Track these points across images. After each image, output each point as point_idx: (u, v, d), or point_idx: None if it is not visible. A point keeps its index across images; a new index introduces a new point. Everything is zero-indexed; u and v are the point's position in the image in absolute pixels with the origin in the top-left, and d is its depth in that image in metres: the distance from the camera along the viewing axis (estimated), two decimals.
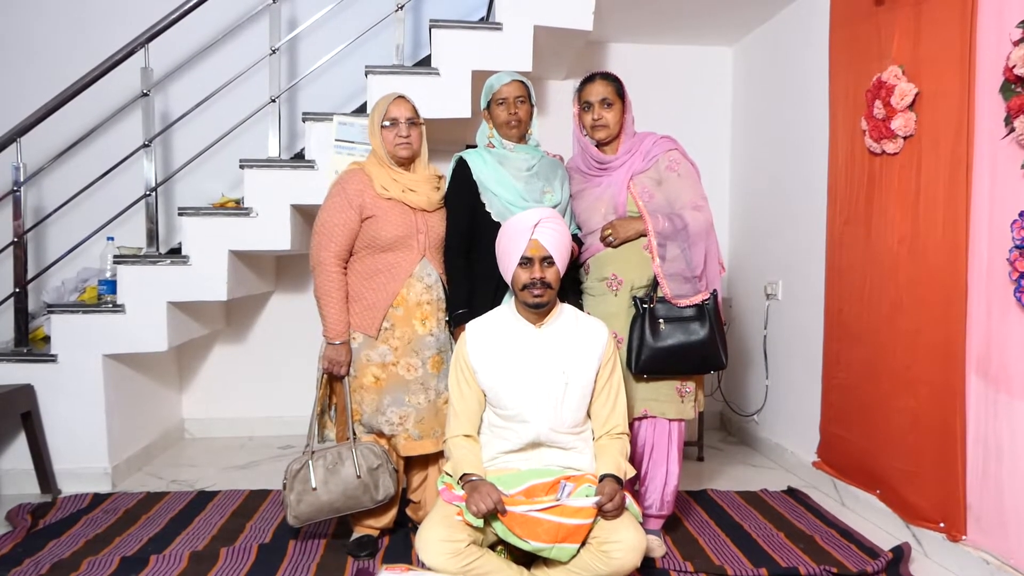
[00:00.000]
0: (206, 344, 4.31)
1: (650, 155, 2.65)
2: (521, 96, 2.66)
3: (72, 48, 4.05)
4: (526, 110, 2.67)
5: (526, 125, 2.69)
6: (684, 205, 2.60)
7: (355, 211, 2.56)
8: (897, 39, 2.83)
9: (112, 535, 2.79)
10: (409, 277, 2.58)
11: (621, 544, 2.00)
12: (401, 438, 2.57)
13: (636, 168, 2.65)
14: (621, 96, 2.67)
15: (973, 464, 2.49)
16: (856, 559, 2.58)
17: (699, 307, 2.59)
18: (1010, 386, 2.33)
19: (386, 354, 2.57)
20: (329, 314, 2.56)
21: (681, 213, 2.60)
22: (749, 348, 4.22)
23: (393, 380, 2.57)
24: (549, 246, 2.20)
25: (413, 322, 2.58)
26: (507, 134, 2.68)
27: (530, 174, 2.66)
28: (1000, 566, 2.35)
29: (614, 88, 2.66)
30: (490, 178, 2.62)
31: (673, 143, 2.69)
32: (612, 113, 2.64)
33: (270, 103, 3.64)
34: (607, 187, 2.68)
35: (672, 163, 2.65)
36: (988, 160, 2.41)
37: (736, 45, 4.52)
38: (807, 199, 3.57)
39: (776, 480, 3.56)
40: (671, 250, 2.58)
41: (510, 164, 2.66)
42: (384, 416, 2.57)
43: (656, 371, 2.59)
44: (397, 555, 2.59)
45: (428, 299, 2.60)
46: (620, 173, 2.66)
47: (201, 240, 3.44)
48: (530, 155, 2.70)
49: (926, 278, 2.67)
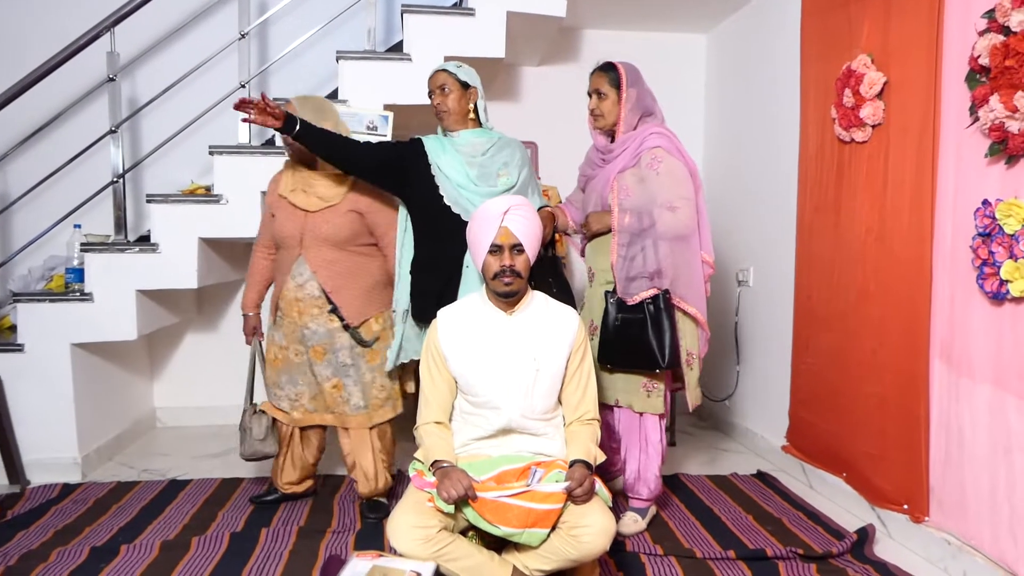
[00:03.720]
0: (177, 332, 4.26)
1: (637, 152, 2.64)
2: (443, 85, 2.68)
3: (35, 32, 3.97)
4: (454, 98, 2.68)
5: (457, 114, 2.70)
6: (660, 204, 2.59)
7: (268, 209, 2.89)
8: (867, 28, 2.86)
9: (82, 525, 2.77)
10: (287, 274, 2.80)
11: (590, 528, 2.02)
12: (297, 412, 2.92)
13: (625, 163, 2.65)
14: (617, 86, 2.66)
15: (936, 448, 2.54)
16: (822, 540, 2.63)
17: (641, 305, 2.60)
18: (972, 371, 2.37)
19: (280, 339, 2.88)
20: (245, 290, 3.01)
21: (652, 211, 2.59)
22: (721, 334, 4.26)
23: (286, 362, 2.89)
24: (519, 233, 2.20)
25: (293, 315, 2.81)
26: (443, 123, 2.72)
27: (485, 158, 2.68)
28: (961, 546, 2.40)
29: (608, 78, 2.67)
30: (444, 162, 2.66)
31: (661, 140, 2.63)
32: (606, 103, 2.67)
33: (240, 88, 3.59)
34: (600, 179, 2.72)
35: (653, 161, 2.61)
36: (954, 149, 2.44)
37: (710, 33, 4.54)
38: (778, 186, 3.60)
39: (746, 464, 3.61)
40: (633, 248, 2.59)
41: (462, 148, 2.68)
42: (283, 391, 2.91)
43: (615, 363, 2.65)
44: (369, 542, 2.60)
45: (300, 296, 2.79)
46: (611, 166, 2.68)
47: (170, 227, 3.40)
48: (482, 139, 2.71)
49: (893, 265, 2.71)
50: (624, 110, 2.66)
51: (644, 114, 2.70)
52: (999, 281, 2.20)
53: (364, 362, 2.83)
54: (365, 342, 2.81)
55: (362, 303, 2.80)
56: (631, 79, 2.67)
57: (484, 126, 2.76)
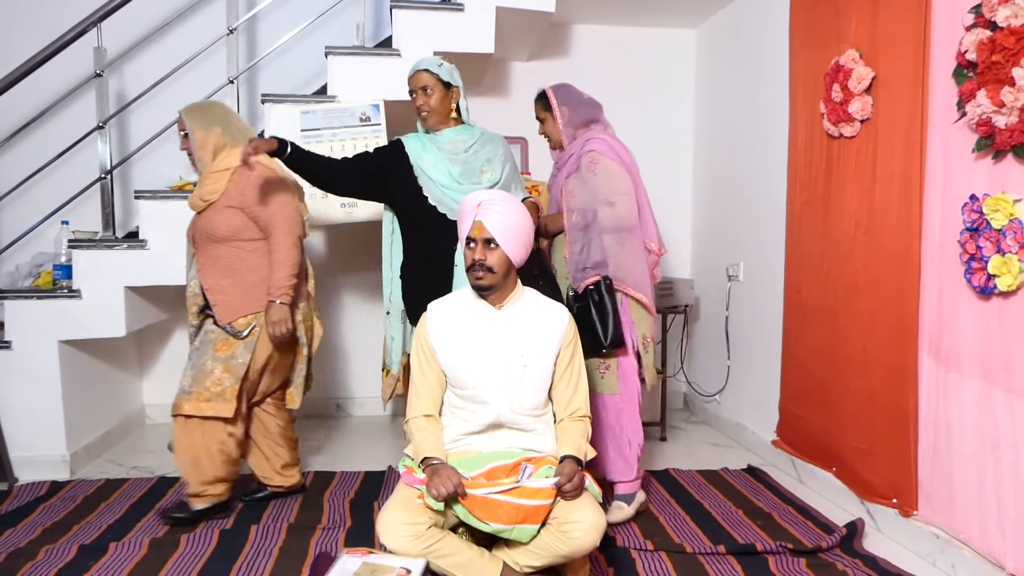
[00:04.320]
0: (167, 329, 4.24)
1: (579, 157, 2.85)
2: (426, 86, 2.67)
3: (22, 27, 3.94)
4: (437, 98, 2.68)
5: (439, 113, 2.70)
6: (600, 201, 2.79)
7: None
8: (855, 23, 2.86)
9: (70, 523, 2.76)
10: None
11: (580, 524, 2.01)
12: None
13: (570, 170, 2.87)
14: (550, 109, 2.89)
15: (924, 442, 2.55)
16: (812, 535, 2.64)
17: (586, 292, 2.78)
18: (960, 366, 2.38)
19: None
20: None
21: (594, 208, 2.79)
22: (711, 329, 4.27)
23: None
24: (491, 228, 2.18)
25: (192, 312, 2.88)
26: (425, 123, 2.73)
27: (468, 155, 2.69)
28: (949, 540, 2.42)
29: (542, 105, 2.93)
30: (426, 162, 2.68)
31: (597, 144, 2.83)
32: (548, 126, 2.93)
33: (228, 84, 3.58)
34: (555, 187, 2.96)
35: (590, 163, 2.81)
36: (941, 144, 2.45)
37: (699, 28, 4.54)
38: (768, 181, 3.61)
39: (737, 459, 3.62)
40: (580, 242, 2.80)
41: (445, 147, 2.69)
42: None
43: None
44: (359, 539, 2.60)
45: (188, 294, 2.87)
46: (562, 174, 2.91)
47: (159, 224, 3.38)
48: (465, 136, 2.72)
49: (881, 260, 2.72)
50: (561, 126, 2.89)
51: (587, 123, 2.91)
52: (987, 276, 2.21)
53: (211, 349, 2.74)
54: (238, 333, 2.75)
55: (238, 301, 2.76)
56: (561, 99, 2.90)
57: (466, 123, 2.77)
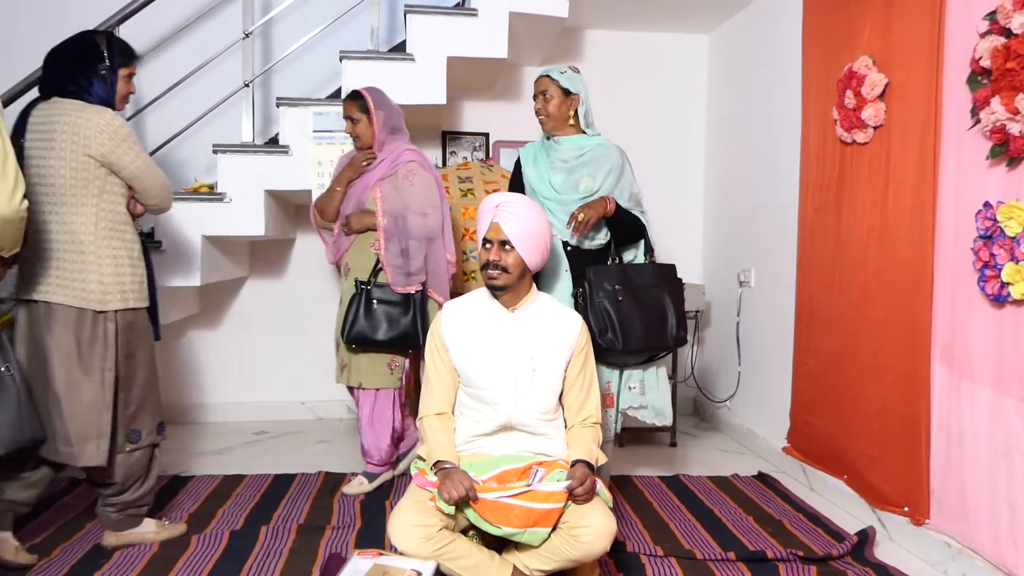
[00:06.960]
0: (179, 330, 4.27)
1: (394, 164, 3.02)
2: (546, 91, 2.73)
3: (41, 31, 3.98)
4: (555, 104, 2.73)
5: (556, 119, 2.75)
6: (413, 210, 3.00)
7: None
8: (868, 29, 2.86)
9: (84, 521, 2.77)
10: None
11: (591, 528, 2.02)
12: None
13: (383, 173, 3.03)
14: (367, 111, 3.02)
15: (937, 450, 2.54)
16: (823, 543, 2.64)
17: (409, 297, 3.01)
18: (972, 373, 2.37)
19: None
20: None
21: (405, 215, 2.99)
22: (722, 335, 4.26)
23: None
24: (508, 231, 2.20)
25: None
26: (543, 127, 2.80)
27: (576, 163, 2.73)
28: (961, 549, 2.40)
29: (357, 106, 3.03)
30: (531, 174, 2.80)
31: (416, 155, 3.05)
32: (360, 127, 3.04)
33: (244, 88, 3.61)
34: (359, 186, 3.07)
35: (408, 173, 3.02)
36: (955, 151, 2.44)
37: (712, 33, 4.54)
38: (780, 187, 3.60)
39: (747, 465, 3.61)
40: (392, 245, 2.99)
41: (555, 155, 2.76)
42: None
43: (363, 343, 3.00)
44: (369, 540, 2.60)
45: None
46: (370, 176, 3.05)
47: (174, 225, 3.41)
48: (581, 143, 2.76)
49: (894, 266, 2.71)
50: (376, 129, 3.02)
51: (395, 130, 3.09)
52: (1000, 283, 2.20)
53: None
54: None
55: None
56: (377, 102, 3.03)
57: (588, 131, 2.80)
